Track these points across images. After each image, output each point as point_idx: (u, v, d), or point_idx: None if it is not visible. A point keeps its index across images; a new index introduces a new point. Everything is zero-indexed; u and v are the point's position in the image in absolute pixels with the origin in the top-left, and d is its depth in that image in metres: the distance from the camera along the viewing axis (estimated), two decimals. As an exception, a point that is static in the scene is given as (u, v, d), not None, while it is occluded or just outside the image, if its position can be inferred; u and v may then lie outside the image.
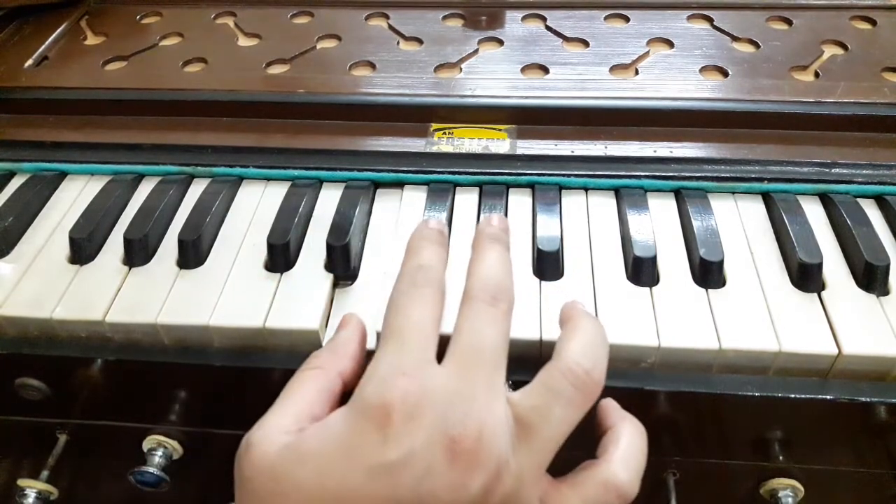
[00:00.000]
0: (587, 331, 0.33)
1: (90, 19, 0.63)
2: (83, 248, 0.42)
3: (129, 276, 0.41)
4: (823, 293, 0.39)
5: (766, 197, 0.44)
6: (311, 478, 0.28)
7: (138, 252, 0.42)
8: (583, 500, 0.30)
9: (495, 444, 0.29)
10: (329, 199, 0.45)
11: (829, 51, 0.54)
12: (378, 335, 0.37)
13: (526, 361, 0.34)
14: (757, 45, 0.55)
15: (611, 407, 0.34)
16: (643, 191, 0.45)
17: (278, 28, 0.60)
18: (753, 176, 0.45)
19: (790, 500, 0.41)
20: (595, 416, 0.34)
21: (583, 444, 0.32)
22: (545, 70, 0.53)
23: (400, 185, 0.46)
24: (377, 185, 0.47)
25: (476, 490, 0.28)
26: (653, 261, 0.40)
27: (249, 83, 0.53)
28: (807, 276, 0.39)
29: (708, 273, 0.39)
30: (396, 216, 0.44)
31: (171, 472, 0.43)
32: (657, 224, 0.42)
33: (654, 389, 0.37)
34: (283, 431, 0.30)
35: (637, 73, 0.53)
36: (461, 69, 0.54)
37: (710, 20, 0.58)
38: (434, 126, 0.49)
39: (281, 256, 0.41)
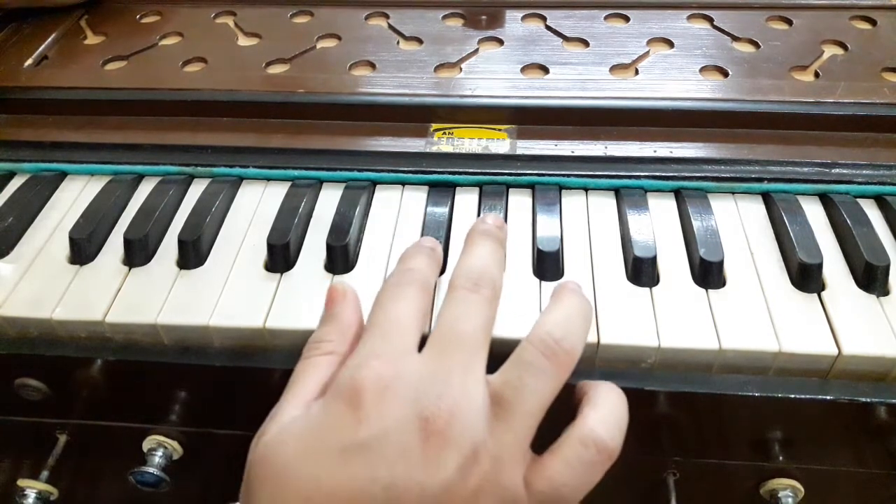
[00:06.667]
0: (564, 305, 0.33)
1: (90, 19, 0.63)
2: (83, 248, 0.42)
3: (129, 277, 0.41)
4: (823, 293, 0.39)
5: (766, 197, 0.44)
6: (290, 461, 0.29)
7: (138, 252, 0.42)
8: (564, 462, 0.30)
9: (469, 424, 0.29)
10: (329, 199, 0.45)
11: (829, 51, 0.54)
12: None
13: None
14: (757, 45, 0.55)
15: (587, 381, 0.34)
16: (643, 191, 0.45)
17: (278, 28, 0.60)
18: (753, 176, 0.45)
19: (790, 500, 0.41)
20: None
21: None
22: (545, 70, 0.53)
23: (400, 185, 0.46)
24: (377, 185, 0.47)
25: (451, 471, 0.28)
26: (653, 261, 0.40)
27: (249, 83, 0.53)
28: (807, 277, 0.39)
29: (708, 273, 0.39)
30: (396, 216, 0.44)
31: (171, 472, 0.43)
32: (657, 224, 0.42)
33: (654, 389, 0.37)
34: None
35: (637, 73, 0.53)
36: (461, 69, 0.54)
37: (710, 20, 0.58)
38: (434, 126, 0.49)
39: (281, 256, 0.41)
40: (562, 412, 0.31)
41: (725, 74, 0.52)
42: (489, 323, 0.33)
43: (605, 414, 0.31)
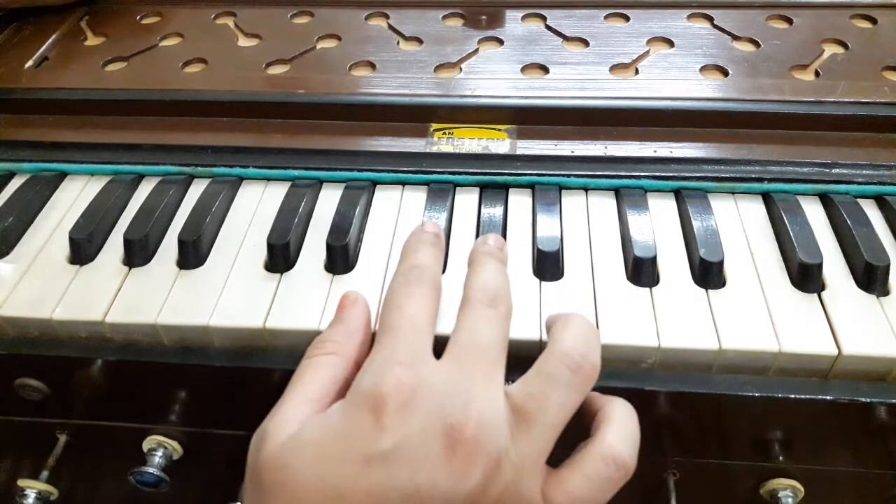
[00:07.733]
0: (578, 323, 0.33)
1: (90, 20, 0.63)
2: (83, 248, 0.42)
3: (129, 277, 0.41)
4: (823, 293, 0.39)
5: (766, 197, 0.44)
6: (309, 468, 0.28)
7: (138, 252, 0.42)
8: (584, 478, 0.30)
9: (495, 433, 0.29)
10: (329, 199, 0.45)
11: (830, 50, 0.54)
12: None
13: (526, 362, 0.34)
14: (757, 45, 0.55)
15: (596, 394, 0.34)
16: (643, 191, 0.45)
17: (278, 28, 0.60)
18: (753, 176, 0.44)
19: (790, 500, 0.41)
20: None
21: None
22: (545, 70, 0.53)
23: (400, 185, 0.46)
24: (377, 185, 0.47)
25: (476, 479, 0.28)
26: (653, 261, 0.40)
27: (249, 83, 0.53)
28: (807, 277, 0.39)
29: (708, 273, 0.39)
30: (396, 216, 0.44)
31: (171, 472, 0.43)
32: (657, 224, 0.42)
33: (654, 389, 0.37)
34: (296, 421, 0.30)
35: (637, 72, 0.53)
36: (461, 69, 0.54)
37: (710, 19, 0.58)
38: (434, 126, 0.49)
39: (281, 256, 0.41)
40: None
41: (726, 74, 0.52)
42: (506, 339, 0.32)
43: (622, 430, 0.31)
